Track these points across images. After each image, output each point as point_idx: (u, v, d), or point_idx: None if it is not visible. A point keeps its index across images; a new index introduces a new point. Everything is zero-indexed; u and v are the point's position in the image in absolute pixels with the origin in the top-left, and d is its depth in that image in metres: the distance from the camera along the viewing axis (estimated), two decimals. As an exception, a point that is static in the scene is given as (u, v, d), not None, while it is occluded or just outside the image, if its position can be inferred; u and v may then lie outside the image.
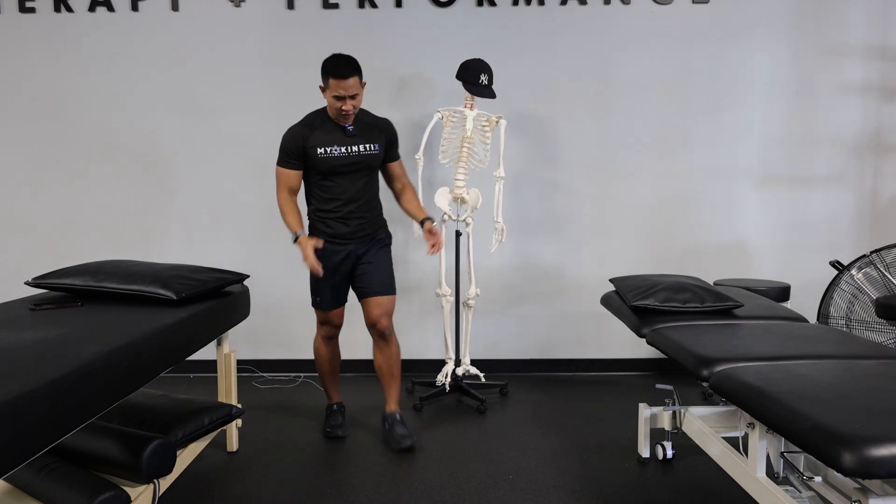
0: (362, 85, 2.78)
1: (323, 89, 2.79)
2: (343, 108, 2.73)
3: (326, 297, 2.97)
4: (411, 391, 3.76)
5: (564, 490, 2.57)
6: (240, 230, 4.03)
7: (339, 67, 2.69)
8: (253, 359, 4.09)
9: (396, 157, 3.01)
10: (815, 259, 4.01)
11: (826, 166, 3.98)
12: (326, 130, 2.83)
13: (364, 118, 2.91)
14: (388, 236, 3.05)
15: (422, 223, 2.92)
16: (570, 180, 4.00)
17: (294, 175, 2.87)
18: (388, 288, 2.96)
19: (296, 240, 2.79)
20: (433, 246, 2.85)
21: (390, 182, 3.06)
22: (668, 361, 4.05)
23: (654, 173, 3.99)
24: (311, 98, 3.86)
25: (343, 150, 2.82)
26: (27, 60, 3.94)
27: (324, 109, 2.89)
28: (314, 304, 3.00)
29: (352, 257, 2.94)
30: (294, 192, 2.90)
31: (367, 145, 2.86)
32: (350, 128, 2.83)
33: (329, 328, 3.06)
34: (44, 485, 1.96)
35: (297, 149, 2.82)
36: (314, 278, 2.92)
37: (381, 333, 2.96)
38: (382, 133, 2.92)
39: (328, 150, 2.81)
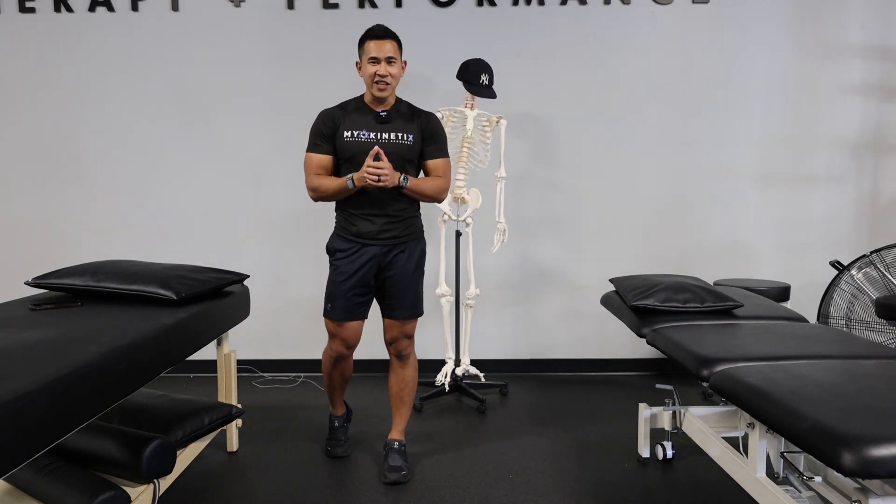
0: (402, 60, 2.63)
1: (359, 67, 2.63)
2: (379, 72, 2.54)
3: (338, 305, 2.67)
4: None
5: (564, 490, 2.57)
6: (239, 230, 4.03)
7: (376, 29, 2.58)
8: (253, 359, 4.09)
9: (437, 155, 2.69)
10: (815, 259, 4.00)
11: (826, 166, 3.98)
12: (359, 114, 2.63)
13: (403, 107, 2.69)
14: (420, 244, 2.76)
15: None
16: (570, 180, 4.00)
17: (323, 160, 2.63)
18: (414, 311, 2.76)
19: (351, 179, 2.52)
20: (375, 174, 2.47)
21: None
22: (668, 361, 4.05)
23: (654, 173, 3.99)
24: (312, 98, 3.89)
25: (372, 135, 2.60)
26: (27, 60, 3.94)
27: (361, 96, 2.70)
28: (325, 314, 2.71)
29: (374, 263, 2.66)
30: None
31: (400, 135, 2.62)
32: (383, 113, 2.62)
33: (339, 344, 2.73)
34: (44, 485, 1.96)
35: (327, 130, 2.62)
36: (331, 283, 2.70)
37: (398, 353, 2.79)
38: (418, 124, 2.66)
39: (356, 134, 2.60)
